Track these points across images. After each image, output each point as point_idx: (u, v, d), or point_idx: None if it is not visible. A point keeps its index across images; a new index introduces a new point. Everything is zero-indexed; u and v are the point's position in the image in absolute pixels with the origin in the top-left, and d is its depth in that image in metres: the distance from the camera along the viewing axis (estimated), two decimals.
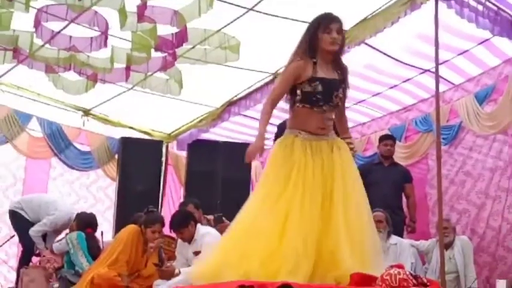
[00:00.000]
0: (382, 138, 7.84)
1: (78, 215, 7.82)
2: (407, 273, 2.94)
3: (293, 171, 3.69)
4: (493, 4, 6.41)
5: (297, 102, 3.92)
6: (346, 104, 8.57)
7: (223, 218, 7.12)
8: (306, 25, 6.69)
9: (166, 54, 7.06)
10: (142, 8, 5.92)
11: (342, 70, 4.05)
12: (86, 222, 7.58)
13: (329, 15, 4.07)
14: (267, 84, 8.27)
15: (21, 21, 6.59)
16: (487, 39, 6.97)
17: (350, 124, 9.14)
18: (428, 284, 2.87)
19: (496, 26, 6.53)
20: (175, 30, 6.53)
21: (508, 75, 7.18)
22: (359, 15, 6.76)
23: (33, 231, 7.87)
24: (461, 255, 6.58)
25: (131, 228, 6.25)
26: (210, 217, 7.21)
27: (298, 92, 3.90)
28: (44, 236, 7.99)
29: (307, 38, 4.03)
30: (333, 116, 4.03)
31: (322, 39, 3.95)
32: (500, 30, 6.61)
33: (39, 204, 8.07)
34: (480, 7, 6.34)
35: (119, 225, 8.38)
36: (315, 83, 3.86)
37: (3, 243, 8.35)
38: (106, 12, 6.34)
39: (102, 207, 10.28)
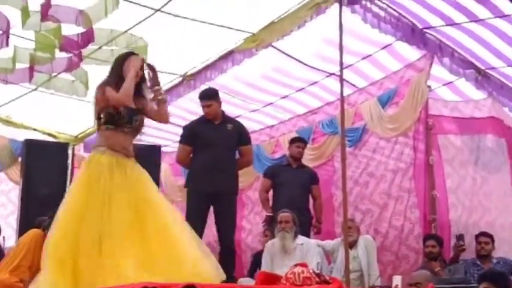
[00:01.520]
0: (294, 140, 7.96)
1: None
2: (311, 271, 3.00)
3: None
4: (395, 10, 6.65)
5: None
6: (256, 107, 8.80)
7: None
8: (214, 27, 6.78)
9: (71, 54, 6.90)
10: (46, 7, 5.77)
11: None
12: None
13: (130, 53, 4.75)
14: (176, 86, 8.23)
15: None
16: (389, 44, 7.21)
17: (259, 126, 9.40)
18: (330, 281, 2.94)
19: (398, 31, 6.79)
20: (81, 30, 6.41)
21: (410, 79, 7.44)
22: (266, 19, 6.85)
23: None
24: (365, 254, 6.75)
25: (34, 232, 6.09)
26: None
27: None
28: None
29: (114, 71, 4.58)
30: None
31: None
32: (401, 36, 6.86)
33: None
34: (382, 13, 6.57)
35: (22, 230, 8.11)
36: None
37: None
38: (8, 10, 6.14)
39: (4, 211, 9.97)
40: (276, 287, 2.69)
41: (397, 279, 5.87)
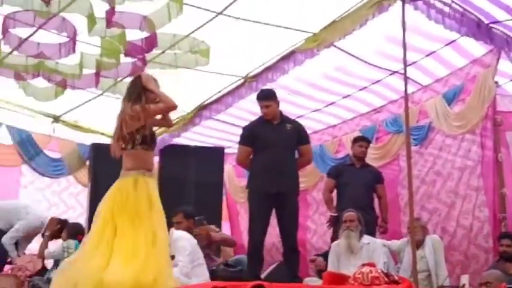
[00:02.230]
0: (357, 140, 7.90)
1: (67, 224, 7.86)
2: (379, 271, 2.97)
3: None
4: (459, 5, 6.51)
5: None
6: (318, 106, 8.81)
7: (204, 221, 7.14)
8: (275, 28, 6.79)
9: (135, 59, 7.03)
10: (110, 14, 5.89)
11: None
12: (76, 230, 7.60)
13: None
14: (237, 87, 8.29)
15: None
16: (453, 40, 7.06)
17: (321, 126, 9.37)
18: (400, 281, 2.90)
19: (462, 26, 6.63)
20: (144, 35, 6.52)
21: (476, 75, 7.29)
22: (328, 18, 6.82)
23: (6, 239, 7.79)
24: (432, 253, 6.64)
25: None
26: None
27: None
28: (16, 244, 7.91)
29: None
30: None
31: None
32: (466, 31, 6.71)
33: (9, 210, 7.99)
34: (446, 8, 6.43)
35: None
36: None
37: None
38: (74, 18, 6.29)
39: (74, 213, 10.20)
40: (344, 287, 2.67)
41: (464, 279, 5.77)
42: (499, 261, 6.50)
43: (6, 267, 7.79)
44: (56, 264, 7.35)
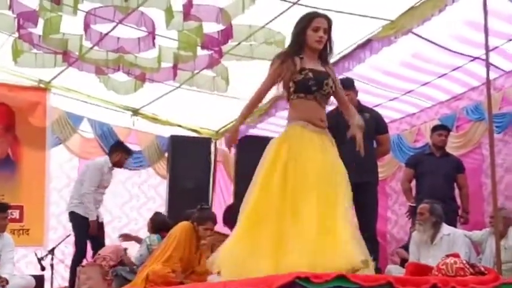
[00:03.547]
0: (436, 128, 7.74)
1: (152, 217, 7.90)
2: (464, 262, 2.90)
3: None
4: None
5: (291, 94, 4.12)
6: (395, 95, 8.60)
7: None
8: (352, 17, 6.69)
9: (212, 51, 7.10)
10: (188, 7, 5.98)
11: (330, 68, 4.29)
12: (161, 224, 7.67)
13: (318, 14, 4.27)
14: None
15: (70, 25, 6.71)
16: None
17: (399, 115, 9.21)
18: (486, 272, 2.83)
19: None
20: (220, 27, 6.57)
21: None
22: (406, 4, 6.69)
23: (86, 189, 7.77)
24: None
25: (184, 225, 6.30)
26: None
27: (291, 84, 4.09)
28: None
29: (295, 34, 4.21)
30: (326, 108, 4.26)
31: (310, 37, 4.13)
32: None
33: None
34: None
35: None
36: (305, 71, 4.05)
37: (60, 243, 8.49)
38: (152, 12, 6.41)
39: (153, 205, 10.39)
40: (429, 278, 2.62)
41: None
42: None
43: (89, 257, 8.00)
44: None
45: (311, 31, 4.14)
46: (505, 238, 6.50)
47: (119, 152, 8.04)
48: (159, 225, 7.67)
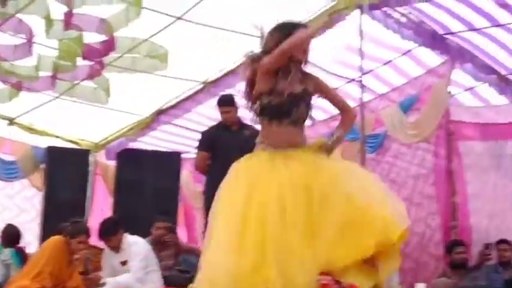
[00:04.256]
0: None
1: (4, 229, 7.60)
2: (329, 278, 3.00)
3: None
4: (416, 16, 6.64)
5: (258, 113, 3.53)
6: None
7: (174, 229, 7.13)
8: (235, 34, 6.77)
9: (93, 62, 6.98)
10: (68, 16, 5.85)
11: (310, 80, 3.67)
12: (14, 237, 7.39)
13: (301, 25, 3.65)
14: (196, 92, 8.28)
15: None
16: (409, 50, 7.19)
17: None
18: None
19: (419, 37, 6.77)
20: (102, 38, 6.48)
21: (431, 85, 7.42)
22: None
23: None
24: None
25: (56, 239, 6.11)
26: None
27: (257, 103, 3.49)
28: None
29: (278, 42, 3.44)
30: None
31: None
32: (423, 41, 6.85)
33: None
34: (403, 19, 6.56)
35: (45, 235, 8.18)
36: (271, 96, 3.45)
37: None
38: (32, 19, 6.23)
39: (27, 217, 10.03)
40: None
41: (420, 286, 5.84)
42: (450, 269, 6.62)
43: None
44: None
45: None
46: None
47: None
48: (11, 237, 7.39)
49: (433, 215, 7.38)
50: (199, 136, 6.79)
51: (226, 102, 6.49)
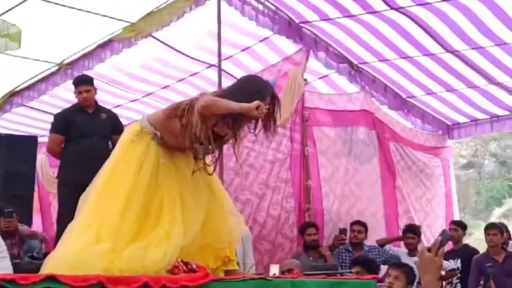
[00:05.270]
0: None
1: None
2: (179, 260, 3.04)
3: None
4: (272, 4, 6.78)
5: None
6: (136, 97, 8.66)
7: (13, 214, 6.80)
8: (92, 15, 6.61)
9: None
10: None
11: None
12: None
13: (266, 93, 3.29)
14: (52, 74, 8.03)
15: None
16: (267, 37, 7.35)
17: (139, 116, 9.22)
18: (197, 269, 2.99)
19: (275, 25, 6.94)
20: None
21: (287, 72, 7.61)
22: (146, 8, 6.81)
23: None
24: (241, 245, 6.85)
25: None
26: None
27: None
28: None
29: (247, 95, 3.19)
30: None
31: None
32: (279, 29, 7.02)
33: None
34: (260, 6, 6.70)
35: None
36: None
37: None
38: None
39: None
40: (140, 277, 2.68)
41: (274, 268, 6.01)
42: (304, 250, 6.88)
43: None
44: None
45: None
46: None
47: None
48: None
49: (289, 198, 7.60)
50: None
51: (86, 81, 6.28)
